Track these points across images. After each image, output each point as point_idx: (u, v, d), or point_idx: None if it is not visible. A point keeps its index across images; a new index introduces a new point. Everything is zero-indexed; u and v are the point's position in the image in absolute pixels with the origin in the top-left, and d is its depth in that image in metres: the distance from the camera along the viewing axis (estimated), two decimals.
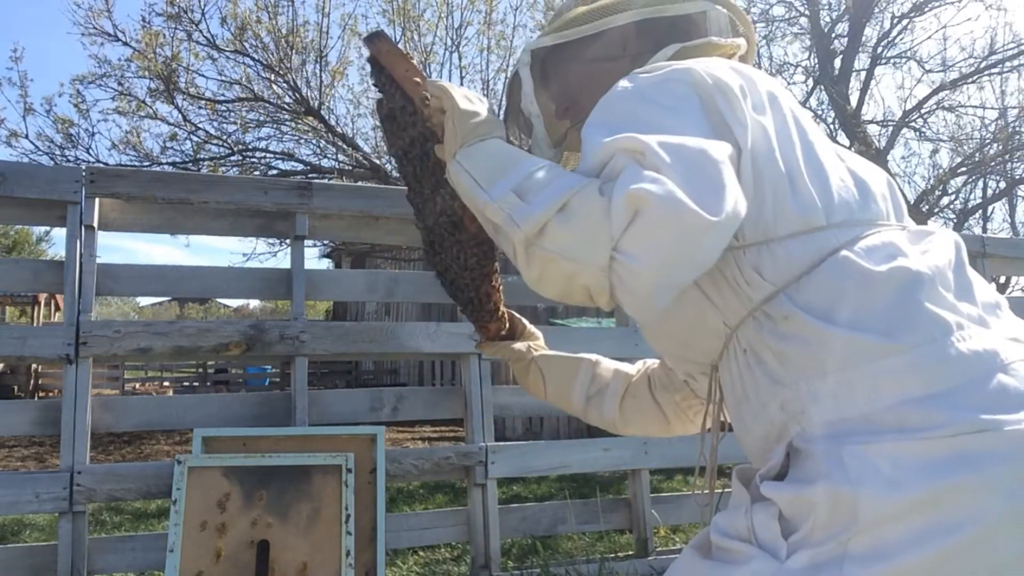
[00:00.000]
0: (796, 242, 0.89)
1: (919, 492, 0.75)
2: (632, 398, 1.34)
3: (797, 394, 0.86)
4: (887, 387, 0.81)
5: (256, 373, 15.71)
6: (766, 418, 0.91)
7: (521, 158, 0.97)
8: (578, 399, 1.38)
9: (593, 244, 0.82)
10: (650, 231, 0.79)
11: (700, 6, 1.09)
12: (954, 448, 0.76)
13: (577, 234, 0.83)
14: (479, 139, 1.02)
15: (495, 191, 0.93)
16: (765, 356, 0.90)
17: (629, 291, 0.82)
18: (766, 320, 0.90)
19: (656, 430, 1.35)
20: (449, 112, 1.05)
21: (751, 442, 0.97)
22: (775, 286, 0.89)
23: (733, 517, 0.90)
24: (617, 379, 1.36)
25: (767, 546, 0.83)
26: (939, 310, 0.83)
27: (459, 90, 1.08)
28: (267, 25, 8.76)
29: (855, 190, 0.94)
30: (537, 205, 0.86)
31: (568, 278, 0.86)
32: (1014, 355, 0.83)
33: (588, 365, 1.38)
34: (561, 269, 0.85)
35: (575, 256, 0.83)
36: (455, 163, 1.02)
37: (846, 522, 0.77)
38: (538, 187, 0.89)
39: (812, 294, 0.87)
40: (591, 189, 0.84)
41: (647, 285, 0.81)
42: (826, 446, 0.81)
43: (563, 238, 0.84)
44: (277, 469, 2.16)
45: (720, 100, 0.92)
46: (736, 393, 0.96)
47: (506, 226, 0.90)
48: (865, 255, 0.87)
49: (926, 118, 9.82)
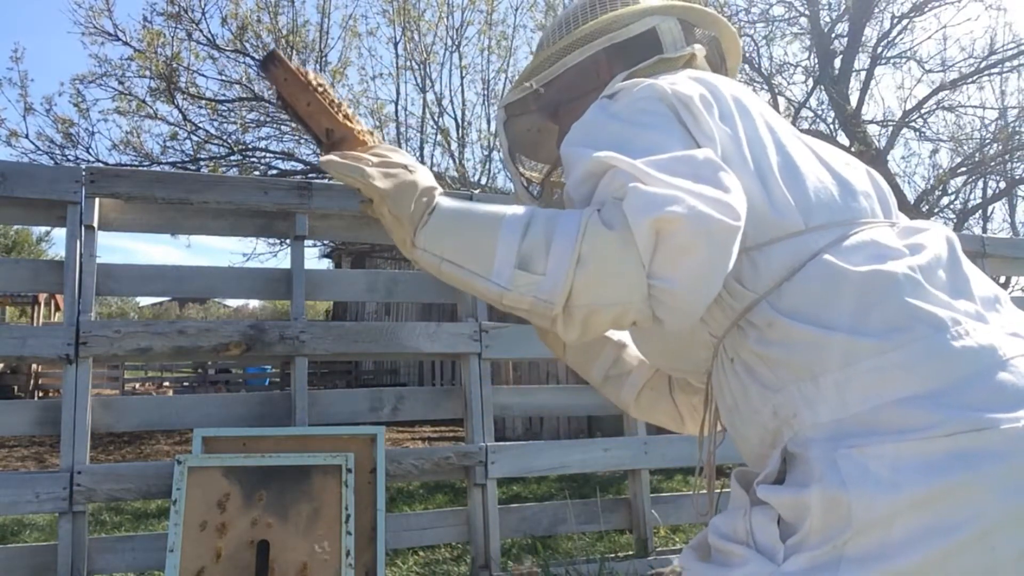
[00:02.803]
0: (775, 248, 0.88)
1: (915, 492, 0.75)
2: (651, 391, 1.32)
3: (788, 399, 0.86)
4: (879, 387, 0.80)
5: (256, 373, 15.71)
6: (759, 424, 0.90)
7: (490, 219, 0.89)
8: (596, 375, 1.35)
9: (627, 281, 0.80)
10: (681, 251, 0.78)
11: (647, 24, 1.10)
12: (950, 447, 0.75)
13: (607, 279, 0.81)
14: (428, 213, 0.92)
15: (500, 277, 0.86)
16: (753, 363, 0.90)
17: (671, 312, 0.81)
18: (750, 328, 0.89)
19: (669, 424, 1.34)
20: (377, 201, 0.93)
21: (748, 448, 0.96)
22: (756, 294, 0.88)
23: (732, 519, 0.90)
24: (641, 368, 1.33)
25: (764, 549, 0.83)
26: (930, 307, 0.82)
27: (372, 166, 0.94)
28: (268, 25, 8.76)
29: (835, 190, 0.93)
30: (556, 274, 0.82)
31: (614, 321, 0.84)
32: (1013, 351, 0.82)
33: (613, 347, 1.35)
34: (605, 317, 0.83)
35: (614, 300, 0.82)
36: (421, 253, 0.91)
37: (841, 525, 0.76)
38: (541, 251, 0.84)
39: (795, 299, 0.86)
40: (593, 227, 0.81)
41: (688, 302, 0.80)
42: (820, 449, 0.81)
43: (594, 289, 0.82)
44: (277, 469, 2.16)
45: (684, 113, 0.92)
46: (727, 402, 0.96)
47: (537, 308, 0.85)
48: (848, 256, 0.86)
49: (926, 118, 9.82)
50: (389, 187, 0.93)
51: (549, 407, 3.02)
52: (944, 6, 9.16)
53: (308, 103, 1.01)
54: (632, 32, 1.09)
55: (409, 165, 0.95)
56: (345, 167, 0.94)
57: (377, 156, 0.97)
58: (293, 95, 1.01)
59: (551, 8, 9.66)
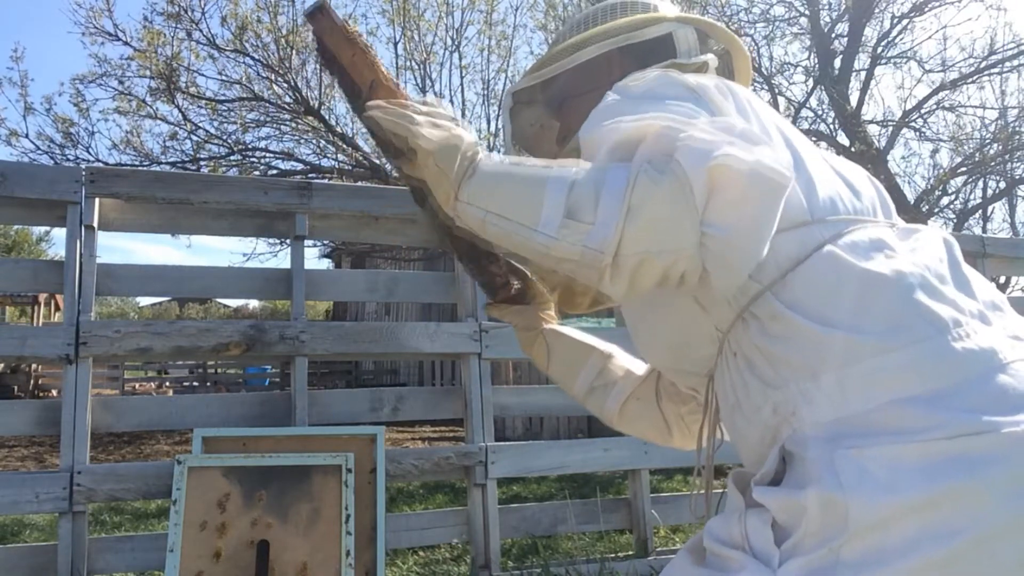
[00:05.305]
0: (780, 239, 0.87)
1: (913, 496, 0.74)
2: (637, 401, 1.30)
3: (788, 396, 0.85)
4: (881, 386, 0.79)
5: (256, 373, 15.72)
6: (760, 422, 0.89)
7: (536, 173, 0.89)
8: (580, 387, 1.34)
9: (680, 228, 0.80)
10: (736, 200, 0.78)
11: (664, 28, 1.10)
12: (950, 451, 0.74)
13: (659, 226, 0.80)
14: (473, 167, 0.92)
15: (548, 227, 0.85)
16: (755, 359, 0.89)
17: (722, 263, 0.81)
18: (754, 321, 0.89)
19: (655, 437, 1.32)
20: (422, 154, 0.93)
21: (747, 449, 0.95)
22: (761, 284, 0.88)
23: (727, 523, 0.89)
24: (627, 379, 1.32)
25: (760, 554, 0.82)
26: (935, 306, 0.82)
27: (420, 114, 0.94)
28: (268, 25, 8.76)
29: (840, 188, 0.94)
30: (606, 223, 0.81)
31: (663, 272, 0.83)
32: (1014, 354, 0.81)
33: (599, 358, 1.34)
34: (655, 267, 0.82)
35: (666, 248, 0.81)
36: (465, 206, 0.91)
37: (838, 528, 0.75)
38: (590, 202, 0.83)
39: (799, 291, 0.86)
40: (644, 177, 0.81)
41: (740, 253, 0.80)
42: (818, 450, 0.80)
43: (646, 236, 0.81)
44: (277, 469, 2.16)
45: (703, 97, 0.93)
46: (730, 401, 0.95)
47: (587, 258, 0.84)
48: (852, 250, 0.86)
49: (926, 118, 9.82)
50: (438, 138, 0.92)
51: (549, 407, 3.02)
52: (944, 6, 9.18)
53: (353, 54, 1.01)
54: (648, 35, 1.10)
55: (456, 119, 0.95)
56: (393, 114, 0.93)
57: (426, 106, 0.97)
58: (337, 45, 1.01)
59: (551, 8, 9.67)
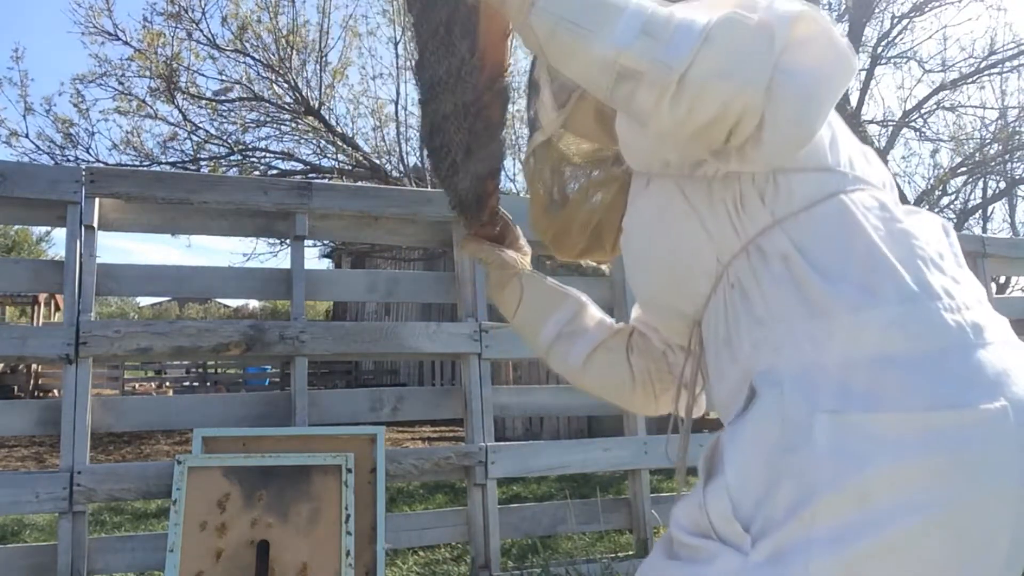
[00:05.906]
0: (800, 177, 0.89)
1: (887, 467, 0.74)
2: (606, 351, 1.25)
3: (774, 334, 0.85)
4: (868, 339, 0.80)
5: (256, 373, 15.72)
6: (743, 358, 0.89)
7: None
8: (548, 333, 1.27)
9: (753, 62, 0.79)
10: (813, 56, 0.80)
11: None
12: (926, 426, 0.74)
13: (733, 55, 0.80)
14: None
15: (621, 36, 0.82)
16: (751, 293, 0.89)
17: (784, 112, 0.80)
18: (758, 255, 0.89)
19: (614, 395, 1.27)
20: None
21: (724, 390, 0.94)
22: (773, 216, 0.89)
23: (689, 510, 0.87)
24: (599, 328, 1.27)
25: (728, 539, 0.81)
26: (930, 274, 0.84)
27: None
28: (268, 25, 8.75)
29: (858, 154, 0.96)
30: (681, 42, 0.80)
31: (724, 104, 0.80)
32: (996, 336, 0.82)
33: (574, 303, 1.29)
34: (718, 94, 0.80)
35: (735, 74, 0.79)
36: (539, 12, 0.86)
37: (807, 495, 0.75)
38: (670, 24, 0.82)
39: (806, 235, 0.87)
40: (728, 14, 0.81)
41: (802, 109, 0.80)
42: (795, 394, 0.79)
43: (718, 61, 0.79)
44: (277, 469, 2.16)
45: None
46: (719, 336, 0.94)
47: (654, 73, 0.81)
48: (861, 207, 0.88)
49: (926, 118, 9.82)
50: None
51: (549, 407, 3.02)
52: (944, 6, 9.17)
53: None
54: None
55: None
56: None
57: None
58: None
59: None
